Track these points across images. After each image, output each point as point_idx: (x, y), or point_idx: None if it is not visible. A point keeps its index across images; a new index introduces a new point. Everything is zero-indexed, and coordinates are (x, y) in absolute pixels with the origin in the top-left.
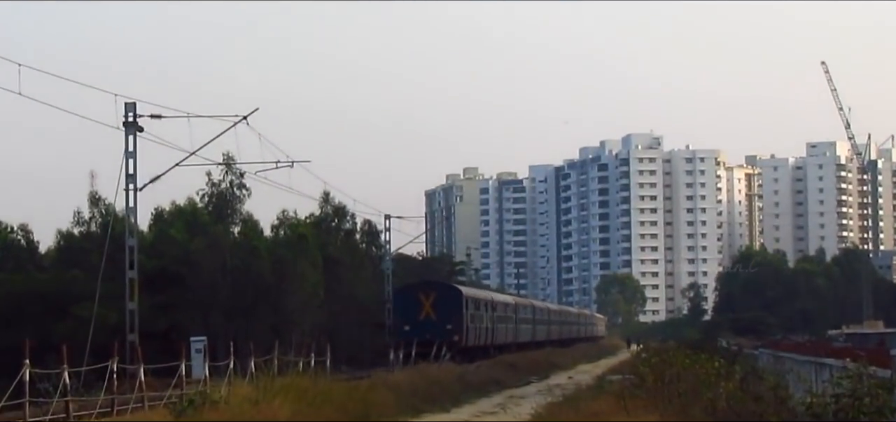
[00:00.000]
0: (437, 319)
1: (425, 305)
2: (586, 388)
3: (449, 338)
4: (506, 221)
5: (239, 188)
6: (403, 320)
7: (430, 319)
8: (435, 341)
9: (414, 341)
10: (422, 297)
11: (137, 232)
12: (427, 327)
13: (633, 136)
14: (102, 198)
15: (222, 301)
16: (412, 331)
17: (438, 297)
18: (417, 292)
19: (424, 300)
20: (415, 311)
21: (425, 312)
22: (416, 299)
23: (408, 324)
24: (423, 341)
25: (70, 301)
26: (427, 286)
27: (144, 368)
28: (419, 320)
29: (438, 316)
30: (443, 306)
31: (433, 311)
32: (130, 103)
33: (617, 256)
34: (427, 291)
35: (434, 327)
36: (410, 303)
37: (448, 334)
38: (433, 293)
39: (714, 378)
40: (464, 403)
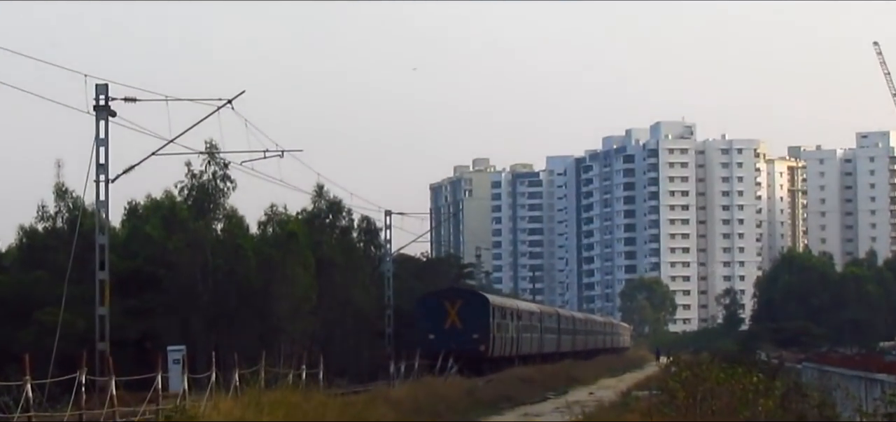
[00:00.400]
0: (463, 328)
1: (451, 314)
2: (609, 405)
3: (475, 348)
4: (520, 218)
5: (222, 180)
6: (428, 328)
7: (455, 328)
8: (461, 351)
9: (440, 352)
10: (447, 305)
11: (109, 228)
12: (453, 337)
13: (662, 124)
14: (70, 190)
15: (203, 306)
16: (437, 340)
17: (464, 305)
18: (443, 300)
19: (450, 308)
20: (440, 319)
21: (451, 320)
22: (441, 307)
23: (432, 333)
24: (449, 351)
25: (33, 306)
26: (453, 293)
27: (116, 380)
28: (444, 329)
29: (464, 325)
30: (469, 315)
31: (459, 320)
32: (102, 85)
33: (644, 259)
34: (453, 299)
35: (460, 337)
36: (435, 311)
37: (474, 344)
38: (459, 301)
39: (752, 395)
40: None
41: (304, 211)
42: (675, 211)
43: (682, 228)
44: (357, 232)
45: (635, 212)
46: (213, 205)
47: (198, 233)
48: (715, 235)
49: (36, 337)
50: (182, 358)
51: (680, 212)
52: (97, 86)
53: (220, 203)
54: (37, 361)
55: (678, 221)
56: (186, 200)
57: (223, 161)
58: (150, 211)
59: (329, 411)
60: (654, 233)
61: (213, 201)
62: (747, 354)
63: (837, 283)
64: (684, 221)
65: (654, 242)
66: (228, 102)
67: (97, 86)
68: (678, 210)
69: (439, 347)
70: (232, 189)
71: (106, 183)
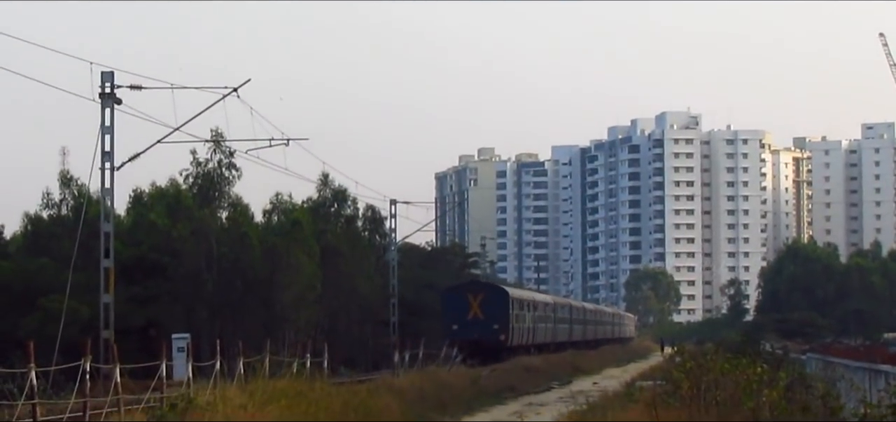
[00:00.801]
0: (485, 318)
1: (473, 306)
2: (614, 395)
3: (495, 338)
4: (525, 208)
5: (228, 168)
6: (452, 320)
7: (477, 319)
8: (482, 340)
9: (463, 341)
10: (470, 297)
11: (114, 216)
12: (474, 327)
13: (667, 114)
14: (75, 178)
15: (208, 295)
16: (460, 330)
17: (486, 297)
18: (466, 293)
19: (472, 301)
20: (463, 311)
21: (473, 312)
22: (464, 300)
23: (456, 324)
24: (471, 341)
25: (38, 293)
26: (475, 287)
27: (120, 368)
28: (467, 320)
29: (486, 316)
30: (490, 307)
31: (480, 311)
32: (107, 72)
33: (649, 249)
34: (475, 292)
35: (482, 327)
36: (459, 303)
37: (495, 334)
38: (481, 294)
39: (756, 386)
40: (476, 410)
41: (309, 200)
42: (679, 201)
43: (687, 219)
44: (362, 221)
45: (640, 202)
46: (219, 193)
47: (203, 221)
48: (720, 225)
49: (40, 324)
50: (186, 346)
51: (685, 202)
52: (103, 73)
53: (225, 191)
54: (41, 348)
55: (683, 212)
56: (191, 188)
57: (228, 149)
58: (155, 199)
59: (334, 400)
60: (658, 223)
61: (219, 190)
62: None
63: (842, 274)
64: (689, 212)
65: (659, 232)
66: (234, 91)
67: (103, 73)
68: (683, 200)
69: (462, 336)
70: (237, 177)
71: (111, 171)
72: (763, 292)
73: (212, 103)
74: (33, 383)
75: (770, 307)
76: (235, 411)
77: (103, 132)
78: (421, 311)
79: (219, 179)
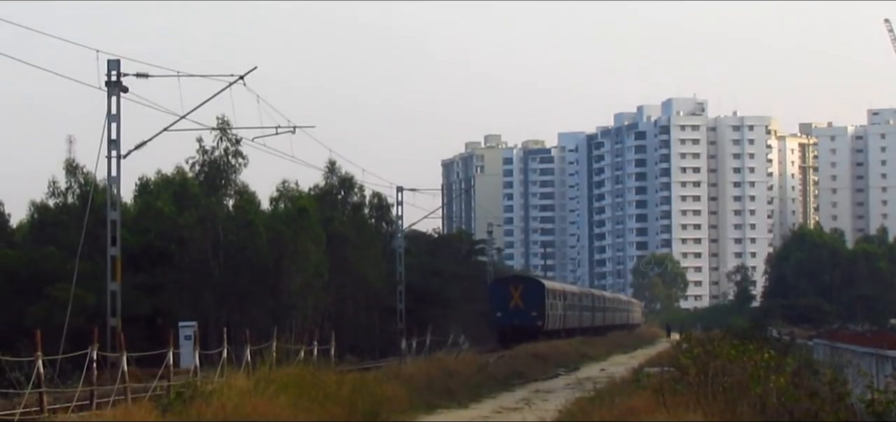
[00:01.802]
0: (524, 307)
1: (514, 296)
2: (621, 381)
3: (534, 323)
4: (532, 194)
5: (234, 156)
6: (496, 308)
7: (518, 307)
8: (522, 325)
9: (506, 326)
10: (512, 289)
11: (120, 204)
12: (516, 314)
13: (674, 100)
14: (81, 166)
15: (214, 282)
16: (503, 317)
17: (525, 289)
18: (508, 285)
19: (514, 292)
20: (506, 301)
21: (514, 301)
22: (507, 291)
23: (500, 311)
24: (513, 325)
25: (44, 281)
26: (516, 280)
27: (127, 356)
28: (509, 309)
29: (525, 305)
30: (529, 297)
31: (521, 301)
32: (114, 61)
33: (655, 235)
34: (516, 284)
35: (522, 314)
36: (502, 294)
37: (533, 320)
38: (521, 286)
39: (763, 372)
40: (484, 397)
41: (316, 187)
42: (686, 188)
43: (694, 205)
44: (369, 208)
45: (647, 189)
46: (225, 181)
47: (209, 209)
48: (726, 211)
49: (47, 312)
50: (193, 334)
51: (691, 189)
52: (109, 62)
53: (231, 179)
54: (48, 336)
55: (689, 198)
56: (198, 176)
57: (235, 137)
58: (162, 187)
59: (340, 387)
60: (665, 210)
61: (225, 177)
62: (759, 330)
63: (849, 260)
64: (696, 198)
65: (666, 218)
66: (240, 78)
67: (109, 62)
68: (689, 187)
69: (506, 322)
70: (243, 165)
71: (118, 159)
72: (770, 278)
73: (218, 91)
74: (40, 371)
75: (777, 293)
76: (242, 398)
77: (110, 120)
78: (428, 298)
79: (225, 167)
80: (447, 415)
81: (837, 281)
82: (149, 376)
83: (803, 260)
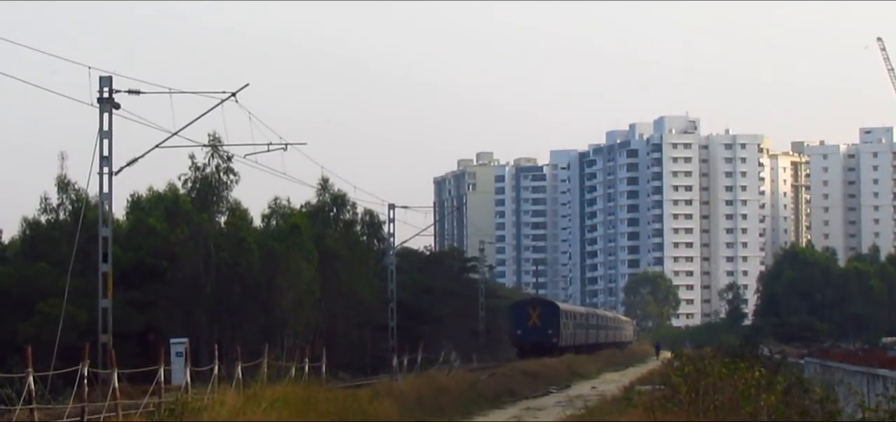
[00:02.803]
0: (541, 326)
1: (533, 316)
2: (612, 399)
3: (549, 340)
4: (524, 212)
5: (226, 173)
6: (516, 326)
7: (536, 326)
8: (539, 342)
9: (525, 343)
10: (530, 310)
11: (112, 220)
12: (534, 332)
13: (666, 118)
14: (73, 182)
15: (206, 299)
16: (523, 335)
17: (542, 310)
18: (527, 307)
19: (532, 312)
20: (525, 320)
21: (533, 321)
22: (526, 312)
23: (520, 329)
24: (531, 341)
25: (36, 297)
26: (534, 302)
27: (119, 372)
28: (528, 327)
29: (542, 324)
30: (545, 317)
31: (538, 320)
32: (106, 77)
33: (647, 253)
34: (534, 306)
35: (539, 332)
36: (522, 314)
37: (549, 337)
38: (538, 308)
39: (754, 390)
40: (475, 414)
41: (307, 204)
42: (678, 206)
43: (686, 223)
44: (361, 225)
45: (639, 206)
46: (217, 198)
47: (201, 225)
48: (718, 229)
49: (38, 329)
50: (185, 351)
51: (683, 207)
52: (101, 78)
53: (223, 196)
54: (39, 353)
55: (682, 216)
56: (190, 192)
57: (226, 154)
58: (154, 203)
59: (332, 404)
60: (657, 227)
61: (217, 194)
62: (750, 349)
63: (840, 278)
64: (688, 216)
65: (658, 236)
66: (232, 95)
67: (101, 78)
68: (681, 205)
69: (525, 339)
70: (235, 182)
71: (109, 175)
72: (761, 297)
73: (210, 108)
74: (31, 387)
75: (768, 311)
76: (233, 415)
77: (101, 137)
78: (419, 315)
79: (217, 184)
80: None
81: (829, 299)
82: (140, 393)
83: (795, 278)
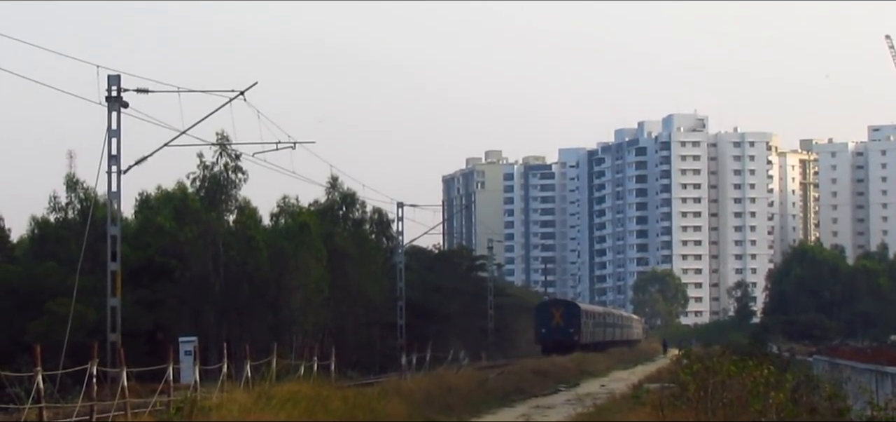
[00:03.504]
0: (564, 325)
1: (556, 316)
2: (621, 397)
3: (571, 338)
4: (532, 210)
5: (234, 172)
6: (541, 325)
7: (559, 325)
8: (562, 339)
9: (549, 340)
10: (554, 310)
11: (120, 219)
12: (557, 331)
13: (674, 116)
14: (81, 181)
15: (215, 298)
16: (547, 333)
17: (565, 310)
18: (551, 308)
19: (556, 312)
20: (549, 320)
21: (556, 320)
22: (550, 312)
23: (544, 328)
24: (554, 339)
25: (45, 296)
26: (557, 303)
27: (127, 371)
28: (552, 326)
29: (564, 323)
30: (567, 317)
31: (561, 320)
32: (114, 76)
33: (656, 251)
34: (557, 307)
35: (562, 331)
36: (546, 314)
37: (570, 335)
38: (562, 308)
39: (763, 388)
40: (484, 413)
41: (316, 203)
42: (686, 204)
43: (694, 221)
44: (369, 224)
45: (647, 205)
46: (225, 196)
47: (210, 224)
48: (727, 228)
49: (47, 328)
50: (194, 349)
51: (692, 205)
52: (109, 77)
53: (231, 195)
54: (48, 352)
55: (690, 214)
56: (198, 191)
57: (235, 153)
58: (162, 202)
59: (341, 402)
60: (665, 226)
61: (225, 193)
62: (759, 347)
63: (849, 276)
64: (696, 214)
65: (666, 234)
66: (241, 94)
67: (109, 77)
68: (690, 203)
69: (549, 337)
70: (244, 181)
71: (118, 174)
72: (770, 294)
73: (219, 107)
74: (40, 386)
75: (777, 309)
76: (242, 414)
77: (110, 136)
78: (428, 313)
79: (226, 183)
80: None
81: (838, 297)
82: (149, 392)
83: (803, 276)
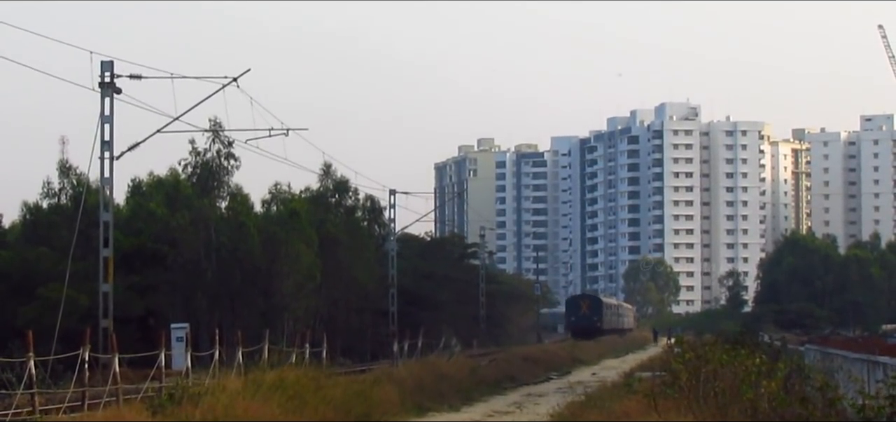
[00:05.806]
0: (589, 314)
1: (583, 307)
2: (612, 386)
3: (595, 325)
4: (524, 198)
5: (227, 158)
6: (571, 314)
7: (585, 314)
8: (587, 326)
9: (578, 327)
10: (581, 302)
11: (113, 205)
12: (584, 319)
13: (667, 105)
14: (74, 167)
15: (207, 284)
16: (576, 321)
17: (590, 303)
18: (579, 300)
19: (583, 304)
20: (578, 310)
21: (583, 310)
22: (578, 304)
23: (574, 317)
24: (582, 326)
25: (37, 282)
26: (584, 297)
27: (119, 357)
28: (580, 315)
29: (589, 313)
30: (593, 307)
31: (587, 310)
32: (107, 62)
33: (648, 240)
34: (584, 299)
35: (588, 319)
36: (576, 305)
37: (594, 323)
38: (588, 301)
39: (755, 377)
40: (476, 401)
41: (308, 189)
42: (679, 192)
43: (686, 210)
44: (362, 211)
45: (639, 193)
46: (218, 183)
47: (202, 211)
48: (719, 216)
49: (39, 313)
50: (185, 336)
51: (684, 193)
52: (102, 63)
53: (224, 181)
54: (40, 337)
55: (682, 203)
56: (191, 177)
57: (228, 139)
58: (154, 188)
59: (332, 389)
60: (657, 214)
61: (218, 179)
62: (750, 336)
63: (841, 265)
64: (688, 203)
65: (658, 223)
66: (234, 80)
67: (102, 63)
68: (682, 191)
69: (577, 324)
70: (236, 167)
71: (111, 160)
72: (762, 284)
73: (211, 93)
74: (32, 372)
75: (769, 298)
76: (233, 400)
77: (103, 122)
78: (420, 301)
79: (218, 169)
80: (438, 417)
81: (829, 287)
82: (140, 378)
83: (795, 265)
